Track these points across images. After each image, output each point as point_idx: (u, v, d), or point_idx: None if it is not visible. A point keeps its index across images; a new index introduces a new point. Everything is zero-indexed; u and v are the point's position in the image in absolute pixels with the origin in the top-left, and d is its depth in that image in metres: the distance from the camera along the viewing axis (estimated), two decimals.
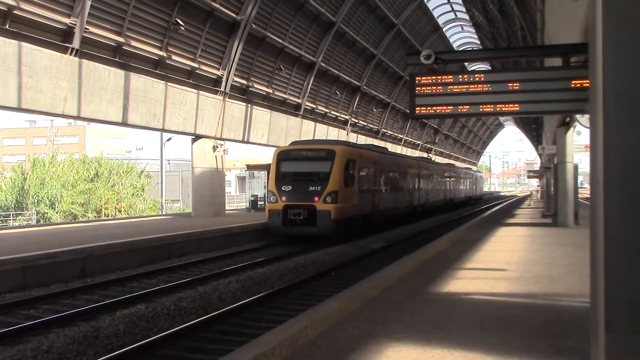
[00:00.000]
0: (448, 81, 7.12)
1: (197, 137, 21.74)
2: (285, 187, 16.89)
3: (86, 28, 15.53)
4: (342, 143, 19.70)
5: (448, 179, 36.97)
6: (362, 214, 18.53)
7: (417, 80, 7.19)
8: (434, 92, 7.15)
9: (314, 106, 29.83)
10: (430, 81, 7.17)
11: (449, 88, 7.11)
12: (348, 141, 24.23)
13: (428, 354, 4.52)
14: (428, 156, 43.87)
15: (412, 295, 6.92)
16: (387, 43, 35.02)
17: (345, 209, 16.88)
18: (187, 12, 19.23)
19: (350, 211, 17.31)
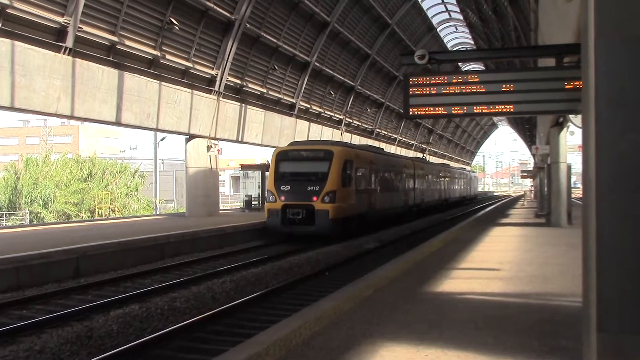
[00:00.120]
0: (442, 82, 7.14)
1: (191, 137, 21.69)
2: (284, 187, 17.02)
3: (80, 27, 15.47)
4: (340, 144, 19.82)
5: (443, 179, 37.06)
6: (359, 214, 18.65)
7: (411, 80, 7.20)
8: (428, 93, 7.17)
9: (308, 106, 29.84)
10: (424, 82, 7.18)
11: (443, 88, 7.13)
12: (345, 142, 24.27)
13: (422, 354, 4.53)
14: (422, 156, 43.96)
15: (406, 295, 6.94)
16: (382, 43, 35.07)
17: (342, 209, 17.00)
18: (181, 12, 19.20)
19: (347, 211, 17.43)
